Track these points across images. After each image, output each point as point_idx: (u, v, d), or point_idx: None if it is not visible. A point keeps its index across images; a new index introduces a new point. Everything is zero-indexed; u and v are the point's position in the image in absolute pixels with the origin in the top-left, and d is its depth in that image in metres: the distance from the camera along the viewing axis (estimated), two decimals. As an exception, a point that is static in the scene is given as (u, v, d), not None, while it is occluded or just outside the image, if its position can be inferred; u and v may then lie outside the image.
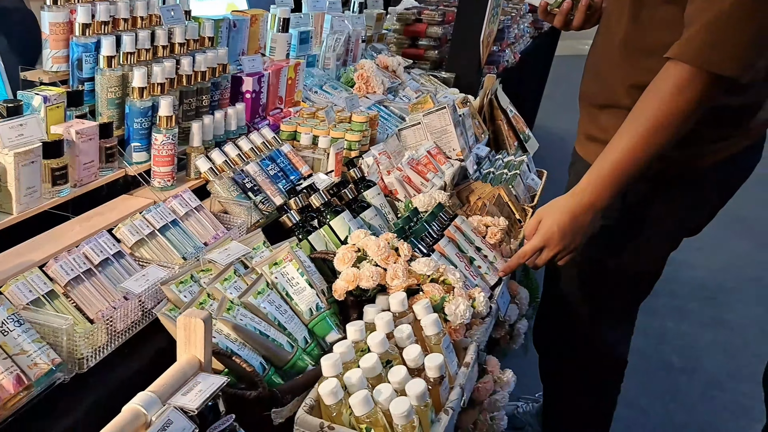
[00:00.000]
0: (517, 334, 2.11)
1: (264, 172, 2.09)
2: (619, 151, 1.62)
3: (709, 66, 1.49)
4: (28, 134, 1.63)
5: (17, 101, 1.70)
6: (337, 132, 2.32)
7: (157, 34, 2.05)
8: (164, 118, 1.89)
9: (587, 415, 2.36)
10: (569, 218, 1.70)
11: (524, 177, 2.81)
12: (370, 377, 1.32)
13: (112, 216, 1.84)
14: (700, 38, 1.49)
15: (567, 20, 2.03)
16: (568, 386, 2.39)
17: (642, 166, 1.62)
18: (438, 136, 2.56)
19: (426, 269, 1.57)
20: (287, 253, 1.54)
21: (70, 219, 1.82)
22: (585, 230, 1.72)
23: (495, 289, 1.83)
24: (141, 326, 1.54)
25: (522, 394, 2.88)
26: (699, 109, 1.55)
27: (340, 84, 3.10)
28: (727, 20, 1.47)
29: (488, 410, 1.68)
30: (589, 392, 2.31)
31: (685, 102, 1.53)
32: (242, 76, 2.35)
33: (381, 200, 2.06)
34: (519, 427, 2.83)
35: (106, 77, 1.91)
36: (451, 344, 1.46)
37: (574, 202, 1.69)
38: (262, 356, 1.42)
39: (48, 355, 1.30)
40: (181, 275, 1.54)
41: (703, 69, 1.50)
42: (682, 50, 1.51)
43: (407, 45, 4.18)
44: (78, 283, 1.50)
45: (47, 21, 1.89)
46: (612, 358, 2.23)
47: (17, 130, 1.62)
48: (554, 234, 1.71)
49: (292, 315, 1.51)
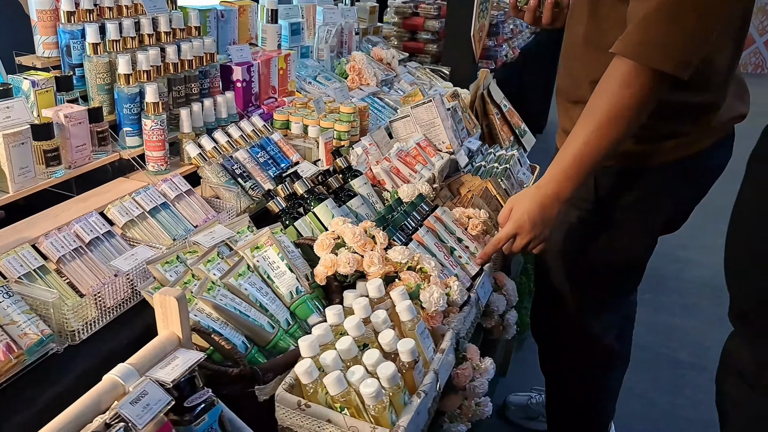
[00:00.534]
0: (508, 324, 2.14)
1: (253, 159, 2.13)
2: (576, 144, 1.66)
3: (648, 62, 1.52)
4: (15, 117, 1.68)
5: (6, 85, 1.75)
6: (326, 122, 2.36)
7: (141, 22, 2.09)
8: (151, 104, 1.93)
9: (580, 406, 2.39)
10: (537, 207, 1.75)
11: (515, 171, 2.84)
12: (346, 359, 1.36)
13: (108, 197, 1.90)
14: (636, 34, 1.53)
15: (536, 17, 2.06)
16: (561, 376, 2.42)
17: (599, 158, 1.66)
18: (427, 129, 2.59)
19: (401, 257, 1.60)
20: (267, 237, 1.58)
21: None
22: (553, 219, 1.77)
23: (476, 280, 1.86)
24: (132, 303, 1.60)
25: (534, 385, 2.92)
26: (647, 103, 1.58)
27: (334, 75, 3.13)
28: (659, 16, 1.49)
29: (469, 396, 1.72)
30: (580, 382, 2.34)
31: (631, 97, 1.56)
32: (231, 65, 2.38)
33: (368, 189, 2.09)
34: (532, 417, 2.87)
35: (94, 64, 1.95)
36: (426, 330, 1.50)
37: (541, 193, 1.74)
38: (245, 336, 1.46)
39: (37, 326, 1.36)
40: (168, 255, 1.58)
41: (644, 65, 1.53)
42: (622, 46, 1.55)
43: (407, 38, 4.21)
44: (70, 260, 1.56)
45: (34, 8, 1.93)
46: (600, 347, 2.25)
47: (4, 112, 1.68)
48: (525, 222, 1.76)
49: (274, 297, 1.55)
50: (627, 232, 1.93)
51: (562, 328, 2.27)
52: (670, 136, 1.79)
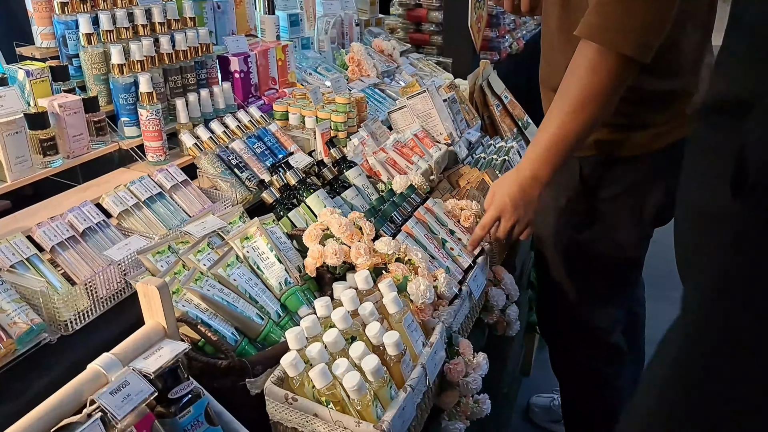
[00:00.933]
0: (510, 320, 2.14)
1: (250, 150, 2.13)
2: (551, 128, 1.68)
3: (609, 45, 1.52)
4: (8, 106, 1.69)
5: (1, 75, 1.76)
6: (323, 113, 2.36)
7: (135, 13, 2.09)
8: (145, 95, 1.93)
9: (593, 406, 2.37)
10: (518, 190, 1.77)
11: (514, 163, 2.84)
12: (333, 351, 1.36)
13: (108, 188, 1.91)
14: (595, 17, 1.53)
15: (515, 5, 2.06)
16: (571, 375, 2.41)
17: (574, 140, 1.67)
18: (424, 120, 2.59)
19: (387, 248, 1.61)
20: (257, 227, 1.59)
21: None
22: (535, 201, 1.79)
23: (468, 272, 1.86)
24: (126, 294, 1.61)
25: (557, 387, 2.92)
26: (615, 86, 1.58)
27: (335, 66, 3.13)
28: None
29: (464, 393, 1.72)
30: (590, 381, 2.32)
31: (600, 81, 1.57)
32: (228, 56, 2.39)
33: (363, 181, 2.09)
34: (556, 419, 2.84)
35: (89, 54, 1.97)
36: (415, 323, 1.50)
37: (520, 176, 1.76)
38: (235, 327, 1.47)
39: (27, 314, 1.37)
40: (159, 245, 1.59)
41: (607, 48, 1.53)
42: (584, 29, 1.55)
43: (412, 30, 4.20)
44: (64, 250, 1.56)
45: (30, -1, 1.95)
46: (606, 343, 2.24)
47: (-3, 101, 1.69)
48: (507, 205, 1.79)
49: (264, 288, 1.55)
50: (618, 223, 1.93)
51: (566, 323, 2.26)
52: (645, 125, 1.78)
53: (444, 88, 2.72)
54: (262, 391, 1.34)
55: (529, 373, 3.07)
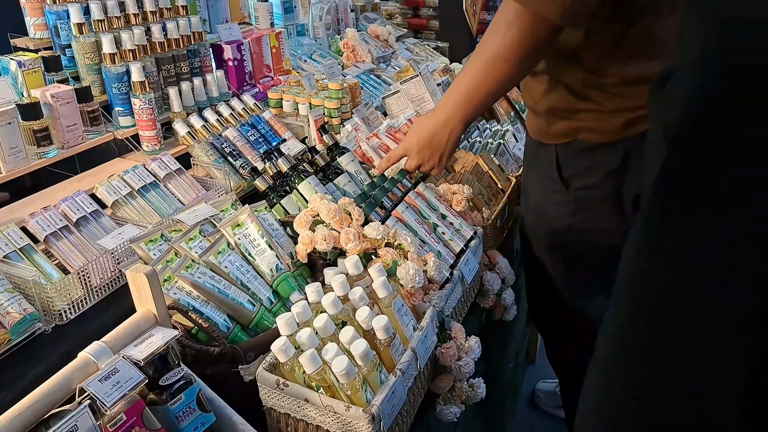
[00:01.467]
0: (506, 304, 2.15)
1: (244, 137, 2.14)
2: (465, 80, 1.72)
3: (524, 3, 1.50)
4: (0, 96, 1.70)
5: (-7, 65, 1.77)
6: (317, 99, 2.36)
7: (126, 2, 2.10)
8: (137, 84, 1.94)
9: None
10: (426, 135, 1.84)
11: (510, 146, 2.84)
12: (323, 337, 1.38)
13: (103, 177, 1.91)
14: None
15: None
16: (566, 366, 2.40)
17: (488, 93, 1.71)
18: (417, 104, 2.59)
19: (376, 233, 1.62)
20: (247, 214, 1.60)
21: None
22: (443, 146, 1.85)
23: (460, 256, 1.87)
24: (120, 283, 1.63)
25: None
26: (528, 45, 1.58)
27: (330, 53, 3.13)
28: None
29: (457, 377, 1.73)
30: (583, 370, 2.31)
31: (512, 38, 1.57)
32: (221, 44, 2.39)
33: (356, 167, 2.10)
34: (560, 405, 2.79)
35: (81, 44, 1.97)
36: (405, 307, 1.51)
37: (432, 120, 1.83)
38: (228, 315, 1.48)
39: (20, 304, 1.39)
40: (152, 234, 1.61)
41: (526, 8, 1.51)
42: None
43: (410, 15, 4.19)
44: (57, 240, 1.58)
45: (22, -10, 1.95)
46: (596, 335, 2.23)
47: (-13, 92, 1.70)
48: (413, 145, 1.87)
49: (255, 275, 1.57)
50: (597, 211, 1.91)
51: (555, 314, 2.25)
52: (620, 110, 1.76)
53: (438, 71, 2.72)
54: (255, 377, 1.36)
55: (534, 361, 3.09)
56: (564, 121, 1.85)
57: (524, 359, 3.01)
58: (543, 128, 1.91)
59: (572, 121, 1.82)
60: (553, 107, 1.85)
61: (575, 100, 1.80)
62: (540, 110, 1.90)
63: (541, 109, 1.89)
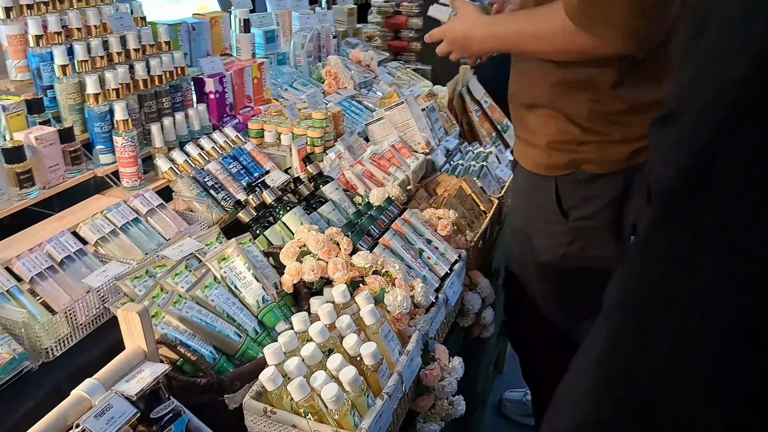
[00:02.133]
0: (485, 323, 2.17)
1: (226, 170, 2.16)
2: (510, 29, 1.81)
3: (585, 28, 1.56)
4: (-18, 141, 1.73)
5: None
6: (299, 129, 2.39)
7: (110, 41, 2.12)
8: (121, 122, 1.96)
9: None
10: (461, 35, 1.96)
11: (493, 168, 2.87)
12: (310, 365, 1.40)
13: (83, 215, 1.93)
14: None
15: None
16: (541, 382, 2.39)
17: (515, 52, 1.91)
18: (402, 130, 2.62)
19: (364, 262, 1.64)
20: (234, 248, 1.62)
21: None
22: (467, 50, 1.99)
23: (445, 279, 1.90)
24: (104, 319, 1.64)
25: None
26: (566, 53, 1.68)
27: (312, 80, 3.16)
28: None
29: (439, 396, 1.75)
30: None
31: (558, 48, 1.67)
32: (203, 77, 2.42)
33: (340, 195, 2.12)
34: (528, 413, 2.85)
35: (64, 85, 1.99)
36: (391, 332, 1.54)
37: (471, 30, 1.93)
38: (213, 346, 1.50)
39: (10, 345, 1.41)
40: (137, 270, 1.62)
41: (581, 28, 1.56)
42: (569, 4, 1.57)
43: (391, 37, 4.24)
44: (42, 280, 1.60)
45: (4, 34, 1.98)
46: None
47: (-29, 138, 1.72)
48: (451, 36, 2.00)
49: (242, 307, 1.59)
50: (596, 240, 1.91)
51: (541, 342, 2.24)
52: (627, 139, 1.77)
53: (422, 97, 2.76)
54: (240, 405, 1.38)
55: (502, 370, 3.11)
56: (565, 154, 1.84)
57: (493, 370, 3.03)
58: (541, 161, 1.90)
59: (574, 154, 1.82)
60: (553, 140, 1.85)
61: (579, 133, 1.80)
62: (539, 143, 1.89)
63: (540, 142, 1.88)
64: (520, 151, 2.00)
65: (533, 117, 1.87)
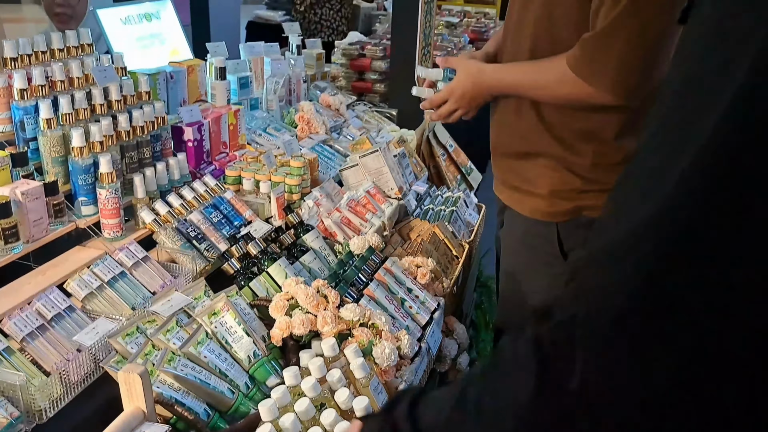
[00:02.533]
0: (461, 368, 2.21)
1: (207, 220, 2.19)
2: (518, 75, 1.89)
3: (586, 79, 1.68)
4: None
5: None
6: (277, 176, 2.43)
7: (93, 93, 2.14)
8: (105, 175, 1.98)
9: None
10: (471, 88, 2.00)
11: (462, 213, 2.95)
12: (304, 420, 1.43)
13: (66, 267, 1.93)
14: (581, 50, 1.68)
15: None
16: None
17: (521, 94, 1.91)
18: (376, 176, 2.68)
19: (352, 315, 1.68)
20: (224, 303, 1.65)
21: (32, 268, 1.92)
22: (477, 101, 2.04)
23: (426, 329, 1.95)
24: (95, 377, 1.65)
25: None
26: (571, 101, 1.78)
27: (284, 125, 3.21)
28: (600, 38, 1.64)
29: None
30: None
31: (559, 95, 1.78)
32: (182, 126, 2.44)
33: (320, 243, 2.17)
34: None
35: (48, 138, 2.00)
36: (380, 385, 1.58)
37: (480, 79, 1.98)
38: (207, 403, 1.52)
39: (6, 409, 1.41)
40: (127, 327, 1.64)
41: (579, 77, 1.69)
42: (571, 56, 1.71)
43: (355, 78, 4.32)
44: (33, 339, 1.60)
45: (-13, 87, 1.99)
46: None
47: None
48: (457, 90, 2.02)
49: (233, 362, 1.61)
50: None
51: None
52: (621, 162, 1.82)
53: (394, 143, 2.82)
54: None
55: None
56: (568, 202, 1.89)
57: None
58: (543, 208, 1.95)
59: (577, 201, 1.88)
60: (556, 189, 1.90)
61: (581, 183, 1.86)
62: (539, 192, 1.94)
63: (541, 191, 1.93)
64: (513, 198, 2.05)
65: (530, 166, 1.93)
